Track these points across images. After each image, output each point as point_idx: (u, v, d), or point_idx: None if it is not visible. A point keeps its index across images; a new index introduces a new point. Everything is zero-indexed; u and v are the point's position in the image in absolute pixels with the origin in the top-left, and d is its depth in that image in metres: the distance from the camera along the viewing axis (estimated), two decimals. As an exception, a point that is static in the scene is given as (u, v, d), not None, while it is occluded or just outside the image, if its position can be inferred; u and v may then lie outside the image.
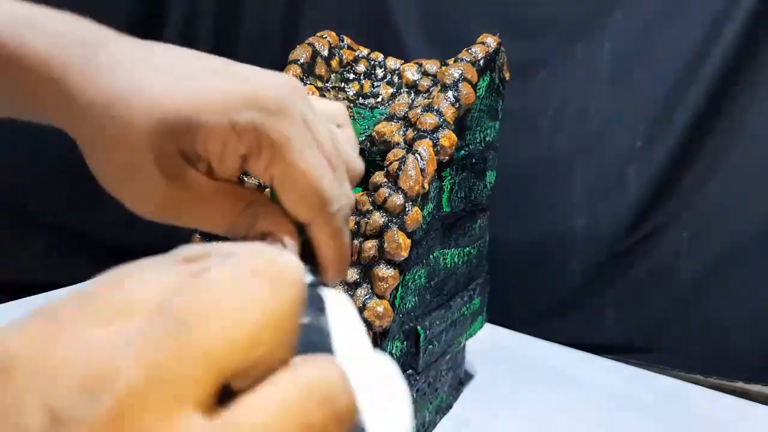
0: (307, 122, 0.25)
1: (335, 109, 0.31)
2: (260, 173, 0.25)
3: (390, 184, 0.48)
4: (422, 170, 0.49)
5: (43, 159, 0.96)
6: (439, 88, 0.53)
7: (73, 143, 0.26)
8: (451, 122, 0.51)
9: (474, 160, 0.58)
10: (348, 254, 0.28)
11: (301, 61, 0.59)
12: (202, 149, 0.24)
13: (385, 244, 0.47)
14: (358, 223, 0.49)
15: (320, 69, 0.60)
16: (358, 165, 0.29)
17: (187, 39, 1.15)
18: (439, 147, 0.50)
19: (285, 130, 0.24)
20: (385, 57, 0.63)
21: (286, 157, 0.24)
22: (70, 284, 0.86)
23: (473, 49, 0.56)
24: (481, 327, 0.67)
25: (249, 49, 1.20)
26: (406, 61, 0.62)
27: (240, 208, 0.26)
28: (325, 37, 0.61)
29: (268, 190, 0.26)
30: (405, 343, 0.52)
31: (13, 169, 0.99)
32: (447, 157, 0.51)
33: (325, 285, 0.25)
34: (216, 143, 0.24)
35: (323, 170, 0.25)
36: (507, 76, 0.61)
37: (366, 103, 0.62)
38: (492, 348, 0.79)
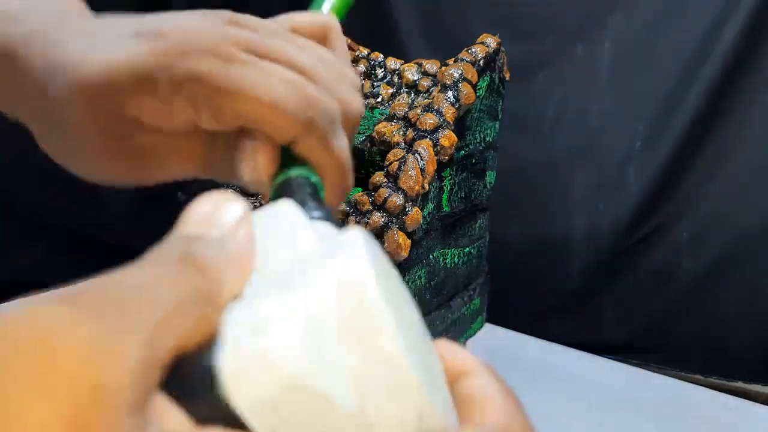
0: (248, 43, 0.24)
1: (317, 21, 0.30)
2: (216, 119, 0.24)
3: (390, 184, 0.48)
4: (422, 170, 0.49)
5: (44, 159, 0.96)
6: (439, 88, 0.53)
7: None
8: (451, 122, 0.51)
9: (474, 160, 0.58)
10: (345, 162, 0.26)
11: (301, 61, 0.59)
12: (137, 111, 0.24)
13: (385, 244, 0.47)
14: (358, 223, 0.49)
15: (320, 69, 0.60)
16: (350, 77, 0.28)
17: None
18: (439, 147, 0.50)
19: (204, 67, 0.23)
20: (385, 57, 0.63)
21: (225, 92, 0.23)
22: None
23: (473, 49, 0.56)
24: (481, 327, 0.67)
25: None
26: (406, 61, 0.62)
27: (210, 150, 0.26)
28: (325, 37, 0.61)
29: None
30: (405, 343, 0.52)
31: (13, 169, 0.99)
32: (447, 157, 0.51)
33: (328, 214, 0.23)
34: (144, 104, 0.24)
35: (277, 88, 0.24)
36: (507, 76, 0.61)
37: (366, 103, 0.62)
38: (492, 348, 0.79)
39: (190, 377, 0.14)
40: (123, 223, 1.00)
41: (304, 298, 0.15)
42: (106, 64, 0.23)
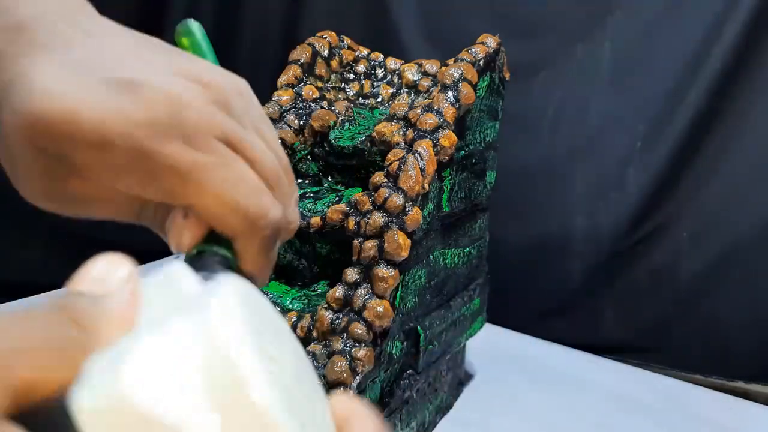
0: (227, 135, 0.24)
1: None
2: (163, 197, 0.24)
3: (390, 184, 0.48)
4: (422, 170, 0.49)
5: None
6: (439, 88, 0.53)
7: None
8: (451, 122, 0.51)
9: (474, 160, 0.58)
10: (270, 267, 0.27)
11: (301, 61, 0.59)
12: (81, 161, 0.23)
13: (385, 244, 0.47)
14: (358, 223, 0.49)
15: (320, 69, 0.60)
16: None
17: (187, 39, 1.15)
18: (439, 147, 0.50)
19: (170, 150, 0.22)
20: (385, 57, 0.63)
21: (184, 179, 0.23)
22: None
23: (473, 49, 0.56)
24: (481, 327, 0.67)
25: (249, 49, 1.20)
26: (406, 61, 0.62)
27: (143, 206, 0.26)
28: (325, 37, 0.61)
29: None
30: (405, 343, 0.52)
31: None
32: (447, 157, 0.51)
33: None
34: (93, 159, 0.22)
35: (239, 191, 0.24)
36: (507, 76, 0.61)
37: (366, 103, 0.62)
38: (492, 348, 0.79)
39: (49, 416, 0.15)
40: (123, 225, 1.00)
41: (164, 344, 0.15)
42: (69, 112, 0.21)
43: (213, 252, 0.24)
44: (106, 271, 0.18)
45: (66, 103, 0.22)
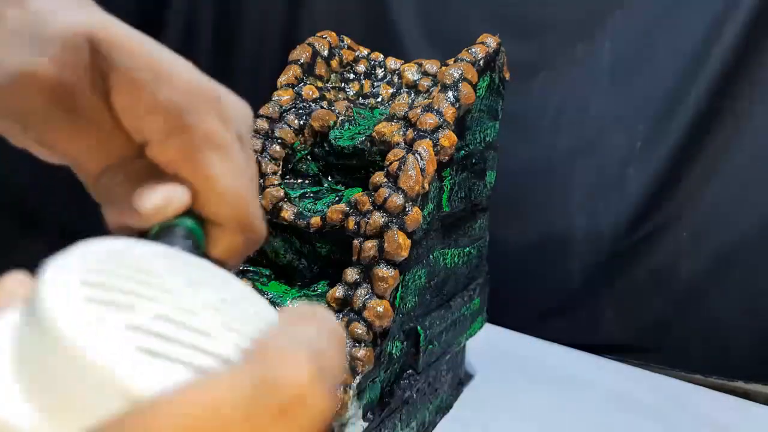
0: (246, 151, 0.24)
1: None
2: (168, 158, 0.23)
3: (390, 184, 0.48)
4: (422, 170, 0.49)
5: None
6: (439, 88, 0.53)
7: None
8: (451, 122, 0.51)
9: (474, 160, 0.58)
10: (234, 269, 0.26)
11: (301, 61, 0.59)
12: (113, 86, 0.22)
13: (385, 244, 0.47)
14: (358, 223, 0.49)
15: (320, 69, 0.60)
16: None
17: (187, 39, 1.15)
18: (439, 147, 0.50)
19: (217, 127, 0.23)
20: (385, 57, 0.63)
21: (217, 158, 0.23)
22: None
23: (473, 49, 0.56)
24: (481, 327, 0.67)
25: (249, 49, 1.20)
26: (406, 61, 0.62)
27: (122, 156, 0.24)
28: (325, 37, 0.61)
29: None
30: (405, 343, 0.52)
31: (14, 169, 0.99)
32: (447, 157, 0.51)
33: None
34: (128, 92, 0.22)
35: (254, 193, 0.24)
36: (507, 76, 0.61)
37: (366, 103, 0.62)
38: (492, 348, 0.79)
39: None
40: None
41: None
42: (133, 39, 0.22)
43: (186, 227, 0.23)
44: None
45: (122, 31, 0.22)
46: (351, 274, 0.48)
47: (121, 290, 0.15)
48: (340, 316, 0.47)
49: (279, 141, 0.55)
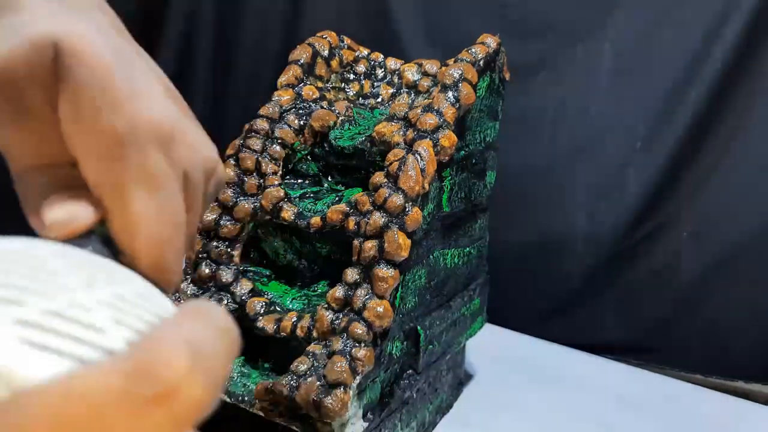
0: (189, 187, 0.24)
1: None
2: (94, 180, 0.22)
3: (390, 184, 0.48)
4: (422, 170, 0.49)
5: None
6: (439, 88, 0.53)
7: None
8: (451, 122, 0.51)
9: (474, 161, 0.58)
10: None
11: (301, 61, 0.59)
12: (62, 93, 0.22)
13: (385, 244, 0.47)
14: (358, 223, 0.49)
15: (320, 69, 0.60)
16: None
17: (187, 39, 1.15)
18: (439, 147, 0.50)
19: (165, 172, 0.22)
20: (385, 57, 0.63)
21: (143, 196, 0.22)
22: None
23: (473, 49, 0.56)
24: (481, 327, 0.67)
25: (249, 49, 1.20)
26: (406, 61, 0.62)
27: (55, 161, 0.24)
28: (325, 37, 0.61)
29: None
30: (405, 343, 0.52)
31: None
32: (447, 158, 0.51)
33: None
34: (72, 104, 0.22)
35: (178, 237, 0.23)
36: (507, 76, 0.61)
37: (366, 103, 0.62)
38: (492, 348, 0.79)
39: None
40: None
41: None
42: (82, 36, 0.22)
43: (102, 233, 0.23)
44: None
45: (78, 31, 0.22)
46: (351, 274, 0.48)
47: (11, 286, 0.16)
48: (340, 316, 0.48)
49: (279, 141, 0.55)
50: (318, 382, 0.45)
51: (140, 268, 0.23)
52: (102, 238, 0.22)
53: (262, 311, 0.51)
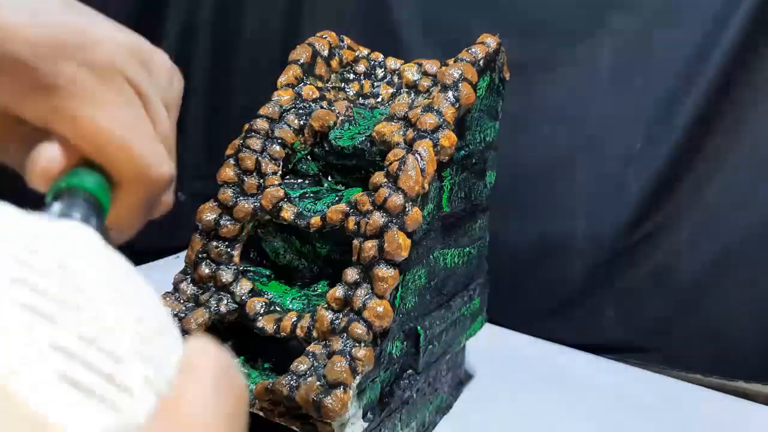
0: (139, 89, 0.23)
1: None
2: (35, 117, 0.22)
3: (390, 184, 0.48)
4: (422, 170, 0.49)
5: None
6: (439, 88, 0.53)
7: None
8: (451, 122, 0.51)
9: (474, 160, 0.58)
10: (139, 226, 0.25)
11: (301, 61, 0.59)
12: None
13: (385, 244, 0.47)
14: (358, 223, 0.49)
15: (320, 69, 0.60)
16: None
17: (187, 38, 1.15)
18: (439, 147, 0.50)
19: (74, 74, 0.21)
20: (385, 57, 0.63)
21: (88, 108, 0.22)
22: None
23: (473, 49, 0.56)
24: (481, 327, 0.67)
25: (249, 49, 1.20)
26: (406, 61, 0.62)
27: (8, 131, 0.24)
28: (325, 37, 0.61)
29: None
30: (405, 343, 0.52)
31: (14, 168, 0.99)
32: (447, 157, 0.51)
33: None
34: None
35: (141, 138, 0.23)
36: (507, 76, 0.61)
37: (366, 103, 0.62)
38: (492, 348, 0.79)
39: None
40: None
41: None
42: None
43: (86, 192, 0.22)
44: None
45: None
46: (351, 274, 0.48)
47: (45, 293, 0.14)
48: (340, 316, 0.47)
49: (279, 141, 0.55)
50: (318, 382, 0.45)
51: (127, 182, 0.23)
52: (85, 195, 0.22)
53: (262, 311, 0.51)
